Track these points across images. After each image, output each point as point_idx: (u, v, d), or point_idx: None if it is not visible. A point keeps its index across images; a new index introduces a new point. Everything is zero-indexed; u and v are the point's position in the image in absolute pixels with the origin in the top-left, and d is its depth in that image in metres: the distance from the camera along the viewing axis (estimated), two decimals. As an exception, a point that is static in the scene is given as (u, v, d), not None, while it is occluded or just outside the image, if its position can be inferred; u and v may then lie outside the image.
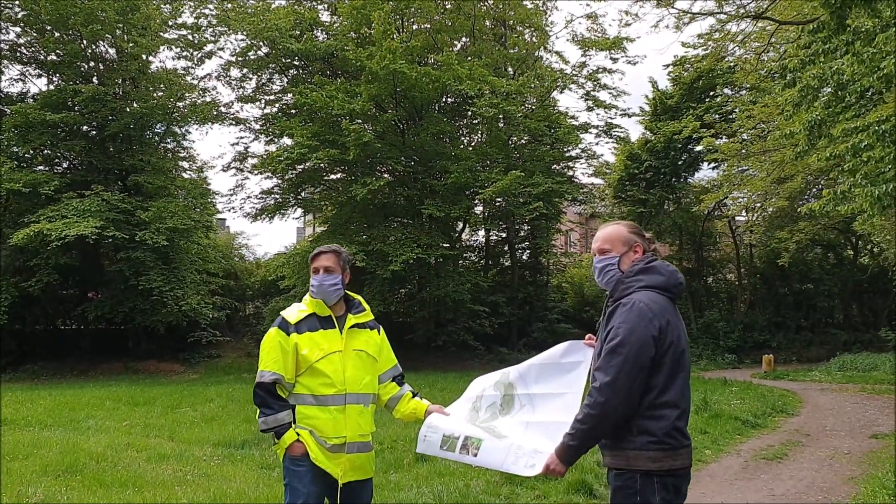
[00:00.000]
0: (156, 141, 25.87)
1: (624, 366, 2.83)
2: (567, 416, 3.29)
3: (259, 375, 3.74)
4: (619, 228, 3.29)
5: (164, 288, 22.33)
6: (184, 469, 7.98)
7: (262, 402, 3.72)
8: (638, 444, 2.87)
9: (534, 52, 27.26)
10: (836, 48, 7.55)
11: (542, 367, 3.68)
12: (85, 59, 24.25)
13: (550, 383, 3.59)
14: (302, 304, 3.94)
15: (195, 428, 11.04)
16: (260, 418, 3.72)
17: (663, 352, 2.89)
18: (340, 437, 3.73)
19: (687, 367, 3.00)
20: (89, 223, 20.66)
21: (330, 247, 4.01)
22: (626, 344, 2.85)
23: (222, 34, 25.13)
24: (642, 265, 3.13)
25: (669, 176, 28.52)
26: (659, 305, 2.96)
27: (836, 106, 8.28)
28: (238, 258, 31.44)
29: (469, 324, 24.82)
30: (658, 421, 2.86)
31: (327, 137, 22.32)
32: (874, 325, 29.62)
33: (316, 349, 3.77)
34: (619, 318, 2.94)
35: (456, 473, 7.29)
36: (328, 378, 3.75)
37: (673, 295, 3.10)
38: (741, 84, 23.22)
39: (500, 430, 3.64)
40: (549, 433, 3.34)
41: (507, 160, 24.63)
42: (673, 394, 2.89)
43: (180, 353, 24.85)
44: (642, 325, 2.87)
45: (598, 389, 2.87)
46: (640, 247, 3.21)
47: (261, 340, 3.99)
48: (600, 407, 2.85)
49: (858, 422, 12.11)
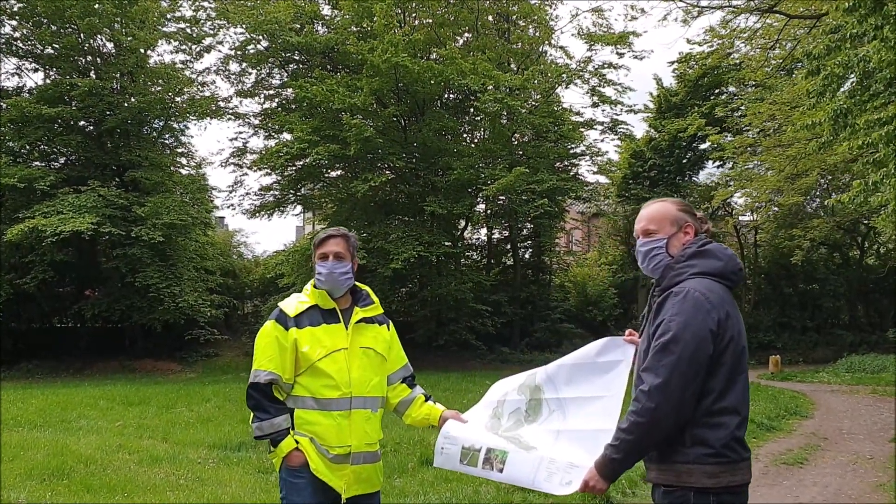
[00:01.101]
0: (154, 136, 25.50)
1: (677, 366, 2.43)
2: (606, 424, 2.90)
3: (253, 375, 3.30)
4: (667, 206, 2.85)
5: (161, 285, 21.96)
6: (177, 473, 7.60)
7: (256, 404, 3.28)
8: (692, 457, 2.47)
9: (538, 48, 26.91)
10: (865, 32, 7.19)
11: (574, 367, 3.25)
12: (82, 53, 23.86)
13: (584, 386, 3.17)
14: (302, 294, 3.48)
15: (190, 429, 10.66)
16: (253, 423, 3.28)
17: (722, 349, 2.49)
18: (345, 446, 3.30)
19: (747, 368, 2.60)
20: (85, 219, 20.29)
21: (339, 230, 3.55)
22: (679, 340, 2.45)
23: (221, 27, 24.77)
24: (696, 248, 2.70)
25: (674, 174, 28.19)
26: (717, 295, 2.55)
27: (862, 94, 7.91)
28: (237, 256, 31.09)
29: (471, 323, 24.46)
30: (716, 430, 2.47)
31: (328, 132, 21.96)
32: (880, 326, 29.25)
33: (318, 346, 3.32)
34: (670, 310, 2.53)
35: (464, 479, 6.90)
36: (331, 379, 3.30)
37: (731, 283, 2.69)
38: (748, 81, 22.84)
39: (528, 439, 3.23)
40: (586, 443, 2.93)
41: (510, 157, 24.30)
42: (733, 398, 2.50)
43: (177, 352, 24.48)
44: (699, 317, 2.47)
45: (646, 393, 2.47)
46: (691, 227, 2.78)
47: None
48: (650, 414, 2.45)
49: (875, 425, 11.75)
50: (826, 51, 8.10)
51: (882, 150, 7.38)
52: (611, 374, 3.08)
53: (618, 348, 3.12)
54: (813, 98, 8.94)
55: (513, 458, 3.15)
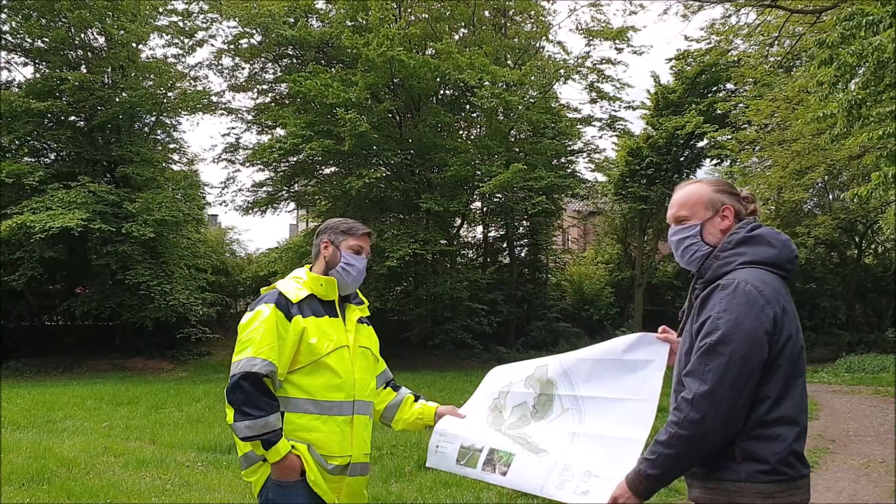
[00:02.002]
0: (145, 132, 25.13)
1: (727, 371, 2.12)
2: (635, 432, 2.56)
3: (246, 363, 2.79)
4: (700, 188, 2.51)
5: (152, 283, 21.64)
6: (163, 477, 7.28)
7: (246, 399, 2.76)
8: (743, 475, 2.16)
9: (535, 43, 26.64)
10: (882, 19, 6.91)
11: (597, 363, 2.88)
12: (73, 47, 23.47)
13: (608, 385, 2.80)
14: (293, 280, 3.09)
15: (179, 430, 10.32)
16: (241, 421, 2.76)
17: (778, 350, 2.17)
18: (346, 455, 2.95)
19: (804, 371, 2.27)
20: (75, 215, 19.95)
21: (369, 228, 3.24)
22: (729, 341, 2.13)
23: (214, 21, 24.38)
24: (744, 233, 2.36)
25: (671, 172, 27.88)
26: (771, 288, 2.22)
27: (877, 84, 7.64)
28: (229, 253, 30.74)
29: (467, 322, 24.17)
30: (771, 443, 2.15)
31: (322, 127, 21.65)
32: (878, 325, 29.06)
33: (325, 339, 2.93)
34: (718, 306, 2.21)
35: (464, 484, 6.60)
36: (338, 378, 2.93)
37: (787, 273, 2.34)
38: (746, 79, 22.63)
39: (536, 439, 2.86)
40: (608, 451, 2.59)
41: (507, 153, 24.02)
42: (790, 406, 2.19)
43: (168, 351, 24.13)
44: (752, 314, 2.15)
45: (690, 402, 2.15)
46: (729, 210, 2.44)
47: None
48: (694, 426, 2.13)
49: (881, 426, 11.48)
50: (841, 38, 7.82)
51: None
52: (639, 375, 2.72)
53: (649, 346, 2.75)
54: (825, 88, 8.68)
55: (519, 461, 2.82)
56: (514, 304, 26.62)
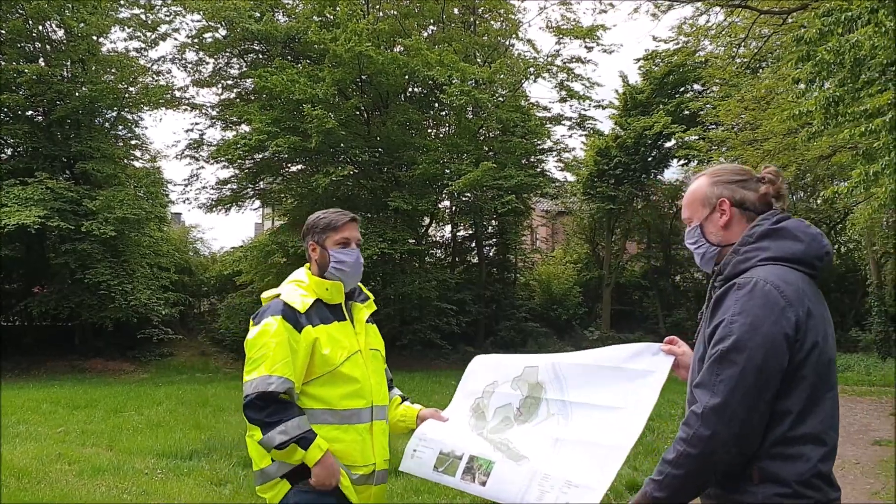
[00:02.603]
0: (106, 127, 24.52)
1: (741, 381, 1.89)
2: (618, 439, 2.41)
3: (262, 382, 2.62)
4: (698, 184, 2.30)
5: (113, 282, 21.06)
6: (120, 485, 6.94)
7: (270, 412, 2.60)
8: (761, 497, 1.94)
9: (505, 41, 26.52)
10: (860, 16, 6.83)
11: (594, 369, 2.70)
12: (30, 39, 22.77)
13: (602, 392, 2.61)
14: (296, 286, 2.88)
15: (138, 435, 9.94)
16: (271, 430, 2.59)
17: (802, 359, 1.94)
18: (370, 464, 2.82)
19: (836, 383, 2.04)
20: (32, 212, 19.34)
21: (351, 213, 3.02)
22: (743, 347, 1.91)
23: (177, 14, 23.81)
24: (768, 225, 2.12)
25: (639, 172, 27.98)
26: (794, 288, 1.98)
27: (854, 82, 7.57)
28: (193, 252, 30.14)
29: (435, 322, 23.98)
30: (792, 463, 1.93)
31: (288, 124, 21.26)
32: (841, 325, 29.40)
33: (338, 348, 2.78)
34: (733, 307, 1.98)
35: (436, 491, 6.37)
36: (356, 384, 2.78)
37: (815, 271, 2.10)
38: (713, 79, 22.80)
39: (518, 445, 2.69)
40: (592, 458, 2.43)
41: (477, 152, 23.84)
42: (816, 423, 1.96)
43: (130, 352, 23.50)
44: (770, 317, 1.92)
45: (700, 417, 1.92)
46: (725, 202, 2.21)
47: (216, 338, 2.97)
48: (703, 443, 1.91)
49: (852, 426, 11.50)
50: (819, 34, 7.73)
51: (883, 137, 7.02)
52: (637, 385, 2.53)
53: (653, 357, 2.57)
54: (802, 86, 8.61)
55: (499, 470, 2.65)
56: (483, 303, 26.48)
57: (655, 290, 29.79)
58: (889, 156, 6.93)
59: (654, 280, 30.05)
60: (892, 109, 6.94)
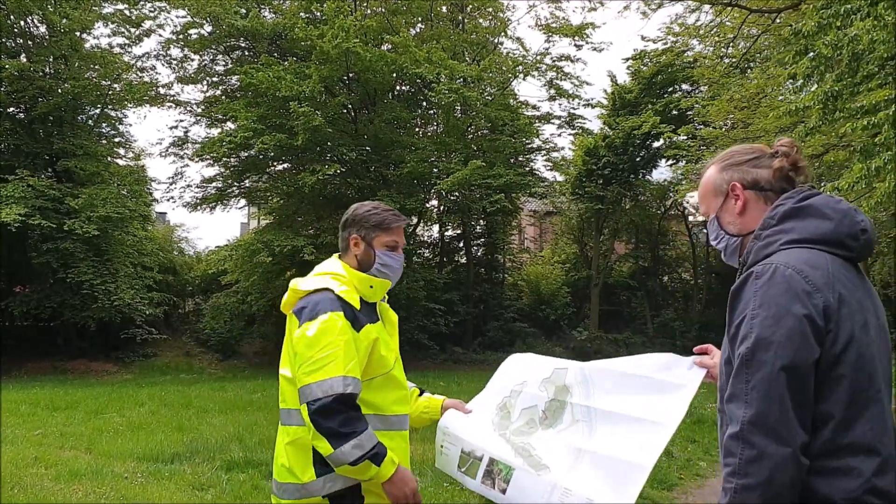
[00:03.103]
0: (89, 124, 24.20)
1: (775, 383, 1.62)
2: (640, 456, 2.29)
3: (338, 383, 2.37)
4: (708, 174, 2.11)
5: (95, 282, 20.78)
6: (98, 490, 6.70)
7: (346, 419, 2.35)
8: None
9: (494, 39, 26.37)
10: (859, 9, 6.71)
11: (623, 376, 2.57)
12: (11, 35, 22.43)
13: (629, 400, 2.49)
14: (335, 281, 2.64)
15: (119, 437, 9.67)
16: (344, 443, 2.33)
17: (837, 354, 1.67)
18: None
19: (888, 382, 1.73)
20: (12, 210, 19.05)
21: (404, 216, 2.86)
22: (768, 344, 1.65)
23: (162, 10, 23.53)
24: (792, 204, 1.87)
25: (627, 172, 27.90)
26: (822, 272, 1.73)
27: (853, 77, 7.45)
28: (177, 252, 29.81)
29: (423, 322, 23.79)
30: (839, 479, 1.65)
31: (274, 121, 21.03)
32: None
33: (388, 349, 2.63)
34: (752, 300, 1.73)
35: (441, 493, 6.18)
36: (403, 389, 2.66)
37: (849, 252, 1.82)
38: (702, 79, 22.75)
39: (540, 452, 2.60)
40: (613, 475, 2.31)
41: (465, 150, 23.68)
42: (864, 429, 1.67)
43: (113, 352, 23.22)
44: (793, 306, 1.67)
45: (739, 439, 1.64)
46: (737, 186, 1.99)
47: (200, 338, 2.77)
48: (756, 466, 1.61)
49: None
50: (817, 27, 7.59)
51: (886, 131, 6.89)
52: (665, 397, 2.41)
53: (684, 371, 2.45)
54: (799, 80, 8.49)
55: (519, 478, 2.58)
56: (471, 304, 26.33)
57: (643, 290, 29.71)
58: (893, 150, 6.78)
59: (642, 280, 29.97)
60: (894, 104, 6.81)
